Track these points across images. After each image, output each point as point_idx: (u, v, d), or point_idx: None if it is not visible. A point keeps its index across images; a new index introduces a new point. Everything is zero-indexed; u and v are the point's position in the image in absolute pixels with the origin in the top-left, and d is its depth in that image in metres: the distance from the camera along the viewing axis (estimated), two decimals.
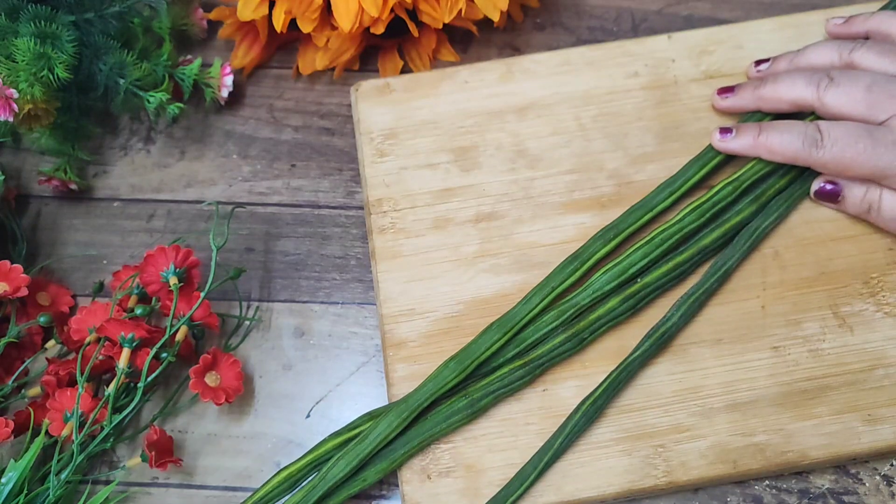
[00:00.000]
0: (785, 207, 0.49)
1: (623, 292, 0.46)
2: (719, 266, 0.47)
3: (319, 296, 0.53)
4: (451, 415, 0.45)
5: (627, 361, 0.45)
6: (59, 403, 0.46)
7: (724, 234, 0.48)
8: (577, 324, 0.46)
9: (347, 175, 0.56)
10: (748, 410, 0.45)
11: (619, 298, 0.46)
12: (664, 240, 0.47)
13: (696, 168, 0.49)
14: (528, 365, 0.45)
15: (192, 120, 0.58)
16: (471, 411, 0.45)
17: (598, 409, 0.45)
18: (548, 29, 0.60)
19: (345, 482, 0.44)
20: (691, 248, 0.47)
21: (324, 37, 0.54)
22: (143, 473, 0.48)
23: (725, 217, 0.48)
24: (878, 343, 0.46)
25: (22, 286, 0.48)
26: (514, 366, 0.45)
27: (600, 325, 0.46)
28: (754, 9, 0.60)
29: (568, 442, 0.44)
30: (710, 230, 0.48)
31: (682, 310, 0.46)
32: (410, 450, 0.44)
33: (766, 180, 0.49)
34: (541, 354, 0.45)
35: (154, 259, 0.48)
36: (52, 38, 0.48)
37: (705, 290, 0.47)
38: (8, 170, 0.56)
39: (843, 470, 0.47)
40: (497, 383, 0.45)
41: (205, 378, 0.46)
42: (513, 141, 0.52)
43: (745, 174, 0.48)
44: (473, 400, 0.45)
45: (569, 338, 0.46)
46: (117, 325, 0.46)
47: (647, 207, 0.48)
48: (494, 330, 0.46)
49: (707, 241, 0.48)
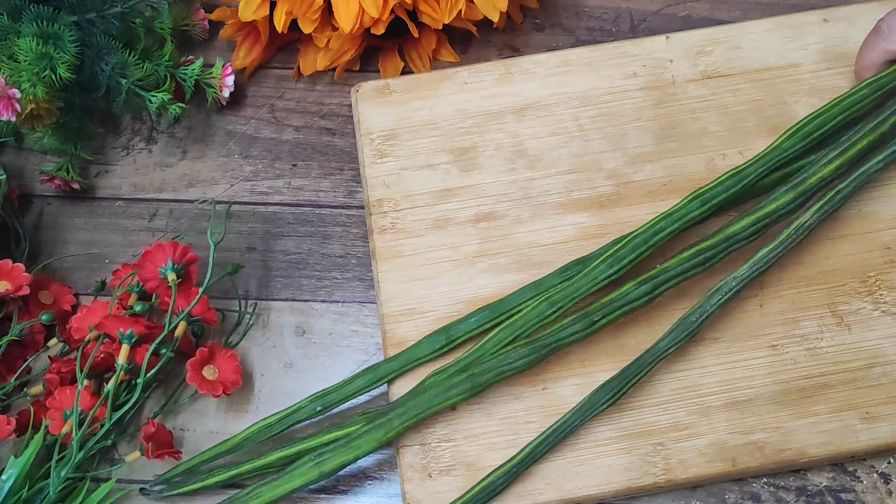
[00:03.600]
0: (832, 203, 0.46)
1: (639, 276, 0.44)
2: (763, 258, 0.45)
3: (320, 294, 0.53)
4: (450, 388, 0.44)
5: (657, 349, 0.44)
6: (60, 402, 0.46)
7: (753, 222, 0.45)
8: (587, 305, 0.44)
9: (348, 175, 0.56)
10: (746, 409, 0.45)
11: (634, 282, 0.44)
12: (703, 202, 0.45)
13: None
14: (533, 344, 0.44)
15: (193, 120, 0.58)
16: (470, 386, 0.44)
17: (616, 397, 0.44)
18: (547, 30, 0.60)
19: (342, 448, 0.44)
20: (718, 235, 0.45)
21: (324, 37, 0.54)
22: (147, 471, 0.48)
23: (760, 205, 0.45)
24: (876, 341, 0.47)
25: (23, 285, 0.48)
26: (519, 344, 0.44)
27: (613, 310, 0.44)
28: (752, 9, 0.60)
29: (586, 419, 0.44)
30: (740, 217, 0.45)
31: (717, 298, 0.44)
32: (407, 422, 0.44)
33: (806, 168, 0.46)
34: (548, 335, 0.44)
35: (152, 255, 0.48)
36: (55, 38, 0.48)
37: (742, 281, 0.44)
38: (10, 169, 0.57)
39: (841, 468, 0.47)
40: (500, 362, 0.44)
41: (203, 371, 0.47)
42: (512, 141, 0.52)
43: (782, 153, 0.46)
44: (474, 374, 0.44)
45: (578, 318, 0.44)
46: (116, 321, 0.46)
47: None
48: (529, 289, 0.46)
49: (735, 228, 0.45)
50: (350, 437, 0.44)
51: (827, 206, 0.45)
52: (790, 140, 0.46)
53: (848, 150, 0.46)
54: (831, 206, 0.46)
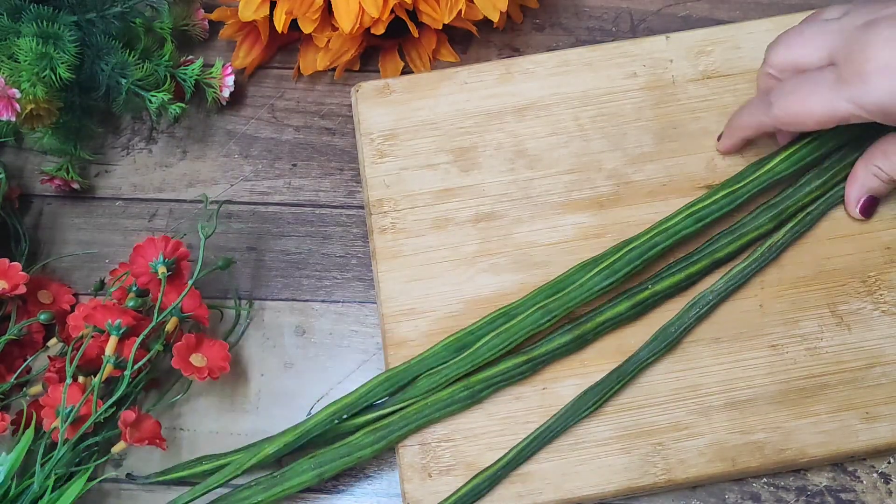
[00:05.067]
0: (803, 224, 0.48)
1: (633, 298, 0.47)
2: (737, 273, 0.48)
3: (320, 294, 0.53)
4: (452, 402, 0.45)
5: (637, 359, 0.46)
6: (54, 399, 0.46)
7: (739, 248, 0.48)
8: (582, 326, 0.46)
9: (348, 174, 0.56)
10: (746, 409, 0.45)
11: (628, 304, 0.46)
12: (662, 240, 0.47)
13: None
14: (531, 362, 0.46)
15: (193, 120, 0.58)
16: (471, 401, 0.46)
17: (598, 403, 0.45)
18: (547, 30, 0.60)
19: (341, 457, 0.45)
20: (705, 260, 0.47)
21: (324, 37, 0.54)
22: (144, 470, 0.48)
23: (744, 229, 0.48)
24: (876, 341, 0.47)
25: (20, 284, 0.48)
26: (518, 361, 0.46)
27: (605, 329, 0.47)
28: (752, 9, 0.60)
29: (559, 431, 0.45)
30: (727, 243, 0.48)
31: (695, 311, 0.47)
32: (407, 431, 0.45)
33: (785, 192, 0.49)
34: (543, 353, 0.46)
35: (143, 250, 0.48)
36: (55, 38, 0.49)
37: (719, 294, 0.47)
38: (10, 169, 0.57)
39: (841, 468, 0.47)
40: (499, 377, 0.46)
41: (190, 359, 0.46)
42: (512, 141, 0.52)
43: (774, 175, 0.48)
44: (474, 391, 0.45)
45: (573, 339, 0.46)
46: (104, 312, 0.46)
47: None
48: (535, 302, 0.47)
49: (721, 254, 0.48)
50: (351, 447, 0.45)
51: (798, 227, 0.48)
52: (783, 164, 0.48)
53: (826, 176, 0.49)
54: (802, 227, 0.48)
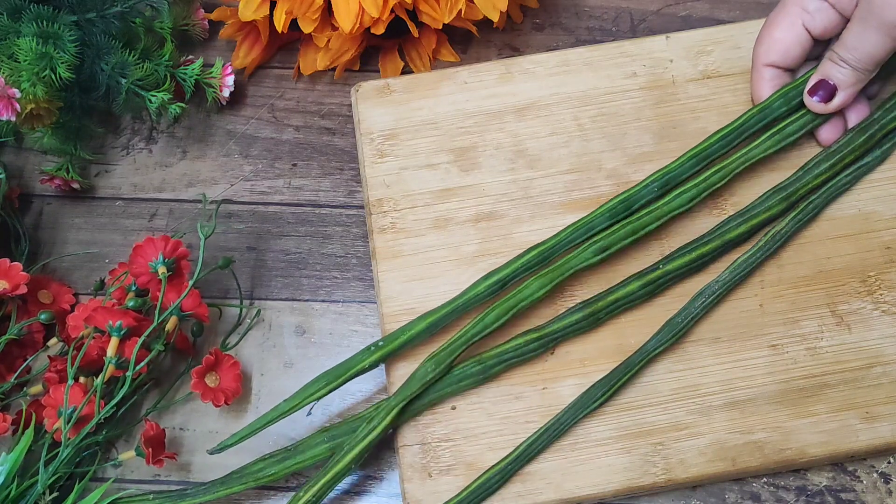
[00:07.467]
0: (806, 213, 0.49)
1: (644, 278, 0.47)
2: (742, 262, 0.48)
3: (320, 294, 0.53)
4: (463, 378, 0.46)
5: (644, 350, 0.46)
6: (55, 399, 0.46)
7: (749, 229, 0.48)
8: (594, 304, 0.46)
9: (348, 174, 0.56)
10: (746, 408, 0.45)
11: (640, 283, 0.47)
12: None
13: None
14: (543, 339, 0.46)
15: (193, 120, 0.58)
16: (482, 377, 0.46)
17: (607, 395, 0.45)
18: (547, 29, 0.60)
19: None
20: (716, 241, 0.48)
21: (324, 37, 0.54)
22: (144, 471, 0.48)
23: (755, 211, 0.48)
24: (876, 341, 0.47)
25: (21, 284, 0.48)
26: (529, 338, 0.46)
27: (617, 308, 0.47)
28: (752, 9, 0.60)
29: (567, 426, 0.45)
30: (738, 224, 0.48)
31: (702, 301, 0.47)
32: (419, 406, 0.46)
33: (794, 174, 0.49)
34: (555, 330, 0.46)
35: (143, 250, 0.48)
36: (55, 37, 0.49)
37: (724, 285, 0.47)
38: (10, 169, 0.57)
39: (841, 467, 0.47)
40: (511, 353, 0.46)
41: (205, 379, 0.47)
42: (512, 141, 0.52)
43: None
44: (486, 366, 0.46)
45: (586, 317, 0.46)
46: (105, 313, 0.46)
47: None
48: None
49: (732, 234, 0.48)
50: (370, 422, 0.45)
51: (802, 216, 0.48)
52: (779, 101, 0.49)
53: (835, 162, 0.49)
54: (805, 216, 0.48)
